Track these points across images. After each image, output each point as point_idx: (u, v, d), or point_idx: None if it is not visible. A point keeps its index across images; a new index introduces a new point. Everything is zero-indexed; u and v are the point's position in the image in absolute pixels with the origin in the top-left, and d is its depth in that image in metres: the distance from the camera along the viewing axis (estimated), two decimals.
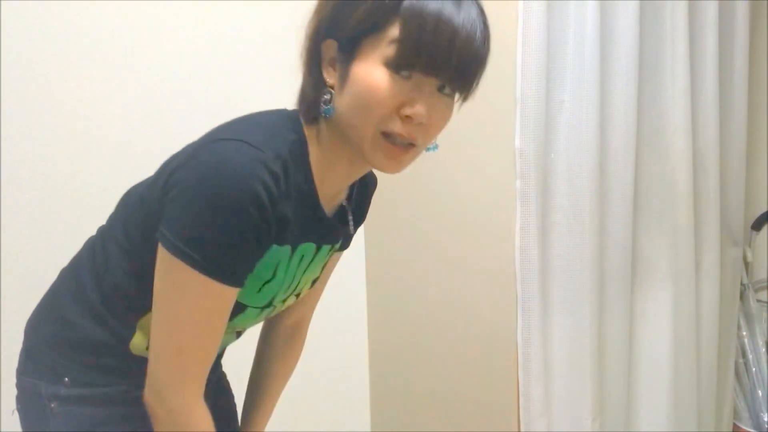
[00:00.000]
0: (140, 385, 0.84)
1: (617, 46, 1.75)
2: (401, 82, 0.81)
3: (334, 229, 0.95)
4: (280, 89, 1.83)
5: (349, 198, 1.01)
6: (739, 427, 2.33)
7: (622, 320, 1.88)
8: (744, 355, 2.33)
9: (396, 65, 0.80)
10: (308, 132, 0.88)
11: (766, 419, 2.25)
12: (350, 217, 1.00)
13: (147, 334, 0.89)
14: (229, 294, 0.82)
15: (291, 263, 0.91)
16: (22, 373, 0.97)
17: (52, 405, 0.92)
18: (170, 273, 0.80)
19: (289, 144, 0.85)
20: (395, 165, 0.88)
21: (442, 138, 0.96)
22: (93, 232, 1.30)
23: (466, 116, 1.60)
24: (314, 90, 0.86)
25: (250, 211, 0.78)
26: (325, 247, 0.97)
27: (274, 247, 0.86)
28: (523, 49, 1.60)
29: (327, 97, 0.85)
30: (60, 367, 0.93)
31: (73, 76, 1.49)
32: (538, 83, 1.62)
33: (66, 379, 0.92)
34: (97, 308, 0.92)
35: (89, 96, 1.52)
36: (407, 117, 0.82)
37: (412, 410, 1.99)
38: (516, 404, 1.73)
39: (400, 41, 0.79)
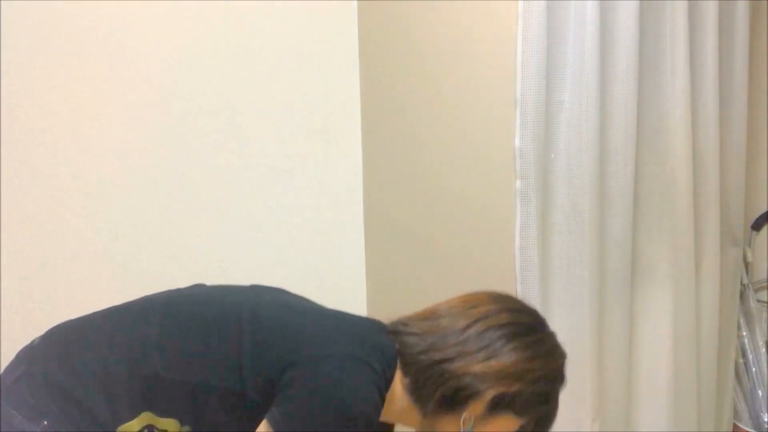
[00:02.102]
0: None
1: (617, 46, 1.75)
2: None
3: None
4: (280, 89, 1.83)
5: None
6: (739, 427, 2.33)
7: (622, 320, 1.88)
8: (744, 355, 2.33)
9: None
10: (396, 381, 0.96)
11: (766, 419, 2.25)
12: None
13: (141, 425, 0.89)
14: None
15: None
16: (3, 396, 0.92)
17: None
18: None
19: (387, 376, 0.94)
20: None
21: (442, 137, 0.97)
22: (92, 232, 1.30)
23: (466, 116, 1.60)
24: (445, 399, 0.94)
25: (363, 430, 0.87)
26: None
27: None
28: (523, 49, 1.60)
29: (470, 423, 0.95)
30: (44, 408, 0.89)
31: (73, 76, 1.49)
32: (538, 83, 1.62)
33: (45, 422, 0.88)
34: (115, 383, 0.90)
35: (89, 96, 1.52)
36: None
37: None
38: None
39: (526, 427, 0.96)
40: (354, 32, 1.94)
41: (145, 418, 0.89)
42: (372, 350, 0.93)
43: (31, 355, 0.96)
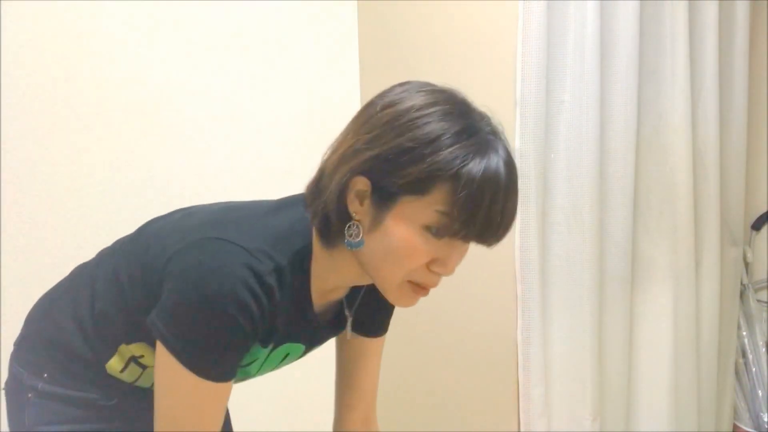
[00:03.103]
0: (111, 398, 0.95)
1: (617, 46, 1.75)
2: (435, 241, 0.81)
3: (322, 330, 0.98)
4: (280, 89, 1.83)
5: (353, 298, 1.01)
6: (739, 427, 2.33)
7: (622, 320, 1.88)
8: (744, 355, 2.33)
9: (438, 233, 0.80)
10: (318, 242, 0.88)
11: (766, 419, 2.25)
12: (348, 315, 1.00)
13: (123, 360, 0.94)
14: (221, 388, 0.84)
15: (270, 357, 0.94)
16: (13, 358, 1.01)
17: (29, 395, 0.96)
18: (165, 364, 0.82)
19: (293, 253, 0.86)
20: (410, 303, 0.89)
21: None
22: (92, 232, 1.31)
23: None
24: (338, 218, 0.84)
25: (237, 318, 0.79)
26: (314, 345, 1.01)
27: (256, 346, 0.88)
28: (523, 49, 1.60)
29: (355, 231, 0.83)
30: (42, 362, 0.97)
31: (73, 76, 1.49)
32: (538, 83, 1.62)
33: (45, 374, 0.96)
34: (85, 324, 0.95)
35: (89, 96, 1.52)
36: (436, 271, 0.84)
37: (412, 410, 1.99)
38: (516, 404, 1.73)
39: (449, 214, 0.78)
40: (354, 32, 1.94)
41: (123, 350, 0.94)
42: (253, 230, 0.85)
43: (26, 319, 1.05)
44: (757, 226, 2.35)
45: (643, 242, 1.94)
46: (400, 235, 0.81)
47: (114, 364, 0.95)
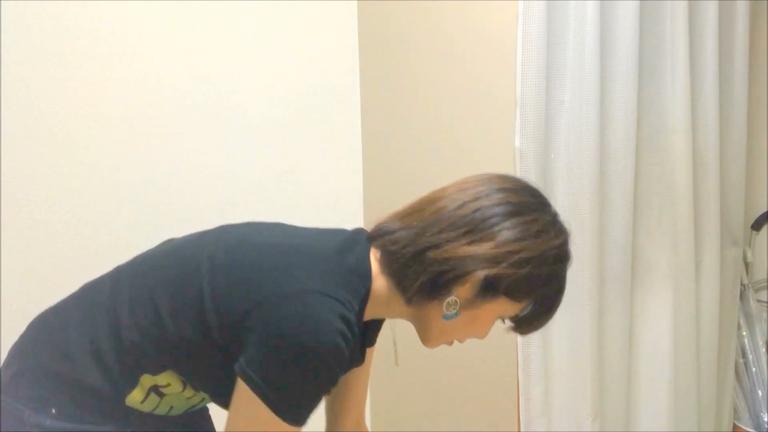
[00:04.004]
0: (126, 428, 0.92)
1: (617, 46, 1.75)
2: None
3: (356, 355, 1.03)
4: (280, 89, 1.83)
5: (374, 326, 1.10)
6: (739, 427, 2.33)
7: (622, 320, 1.88)
8: (744, 355, 2.33)
9: (505, 321, 0.98)
10: (380, 288, 0.94)
11: (766, 419, 2.25)
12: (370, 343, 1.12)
13: (144, 390, 0.93)
14: (297, 429, 0.89)
15: None
16: (5, 392, 0.94)
17: None
18: (249, 408, 0.85)
19: (360, 298, 0.92)
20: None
21: (442, 137, 0.97)
22: (92, 232, 1.30)
23: (467, 116, 1.60)
24: (434, 289, 0.92)
25: (333, 365, 0.86)
26: None
27: None
28: (523, 49, 1.60)
29: (454, 309, 0.93)
30: (49, 397, 0.92)
31: (73, 76, 1.49)
32: (538, 83, 1.62)
33: (53, 410, 0.91)
34: (105, 356, 0.92)
35: (89, 96, 1.52)
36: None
37: (412, 410, 1.99)
38: (516, 404, 1.73)
39: (527, 321, 0.98)
40: (354, 32, 1.94)
41: (145, 381, 0.92)
42: (335, 277, 0.89)
43: (21, 350, 0.98)
44: (757, 226, 2.35)
45: (643, 242, 1.94)
46: (483, 322, 0.96)
47: (135, 396, 0.93)
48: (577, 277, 1.73)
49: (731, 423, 2.34)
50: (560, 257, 0.95)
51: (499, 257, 0.89)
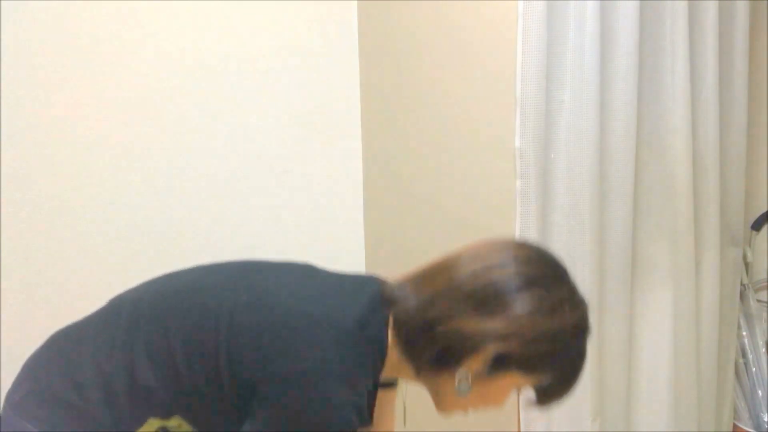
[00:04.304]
0: None
1: (617, 46, 1.75)
2: None
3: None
4: (280, 89, 1.83)
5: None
6: (739, 427, 2.33)
7: (622, 320, 1.88)
8: (744, 355, 2.33)
9: (521, 394, 0.97)
10: (393, 353, 0.94)
11: (766, 419, 2.25)
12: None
13: (152, 428, 0.93)
14: None
15: None
16: (13, 412, 0.95)
17: None
18: None
19: (378, 369, 0.93)
20: None
21: (442, 137, 0.97)
22: (92, 232, 1.30)
23: (466, 116, 1.60)
24: (442, 360, 0.91)
25: None
26: None
27: None
28: (523, 49, 1.60)
29: (465, 384, 0.92)
30: (56, 420, 0.93)
31: (73, 75, 1.49)
32: (538, 83, 1.62)
33: None
34: (116, 394, 0.92)
35: (89, 96, 1.52)
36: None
37: (412, 410, 1.99)
38: (516, 404, 1.73)
39: (546, 393, 0.95)
40: (354, 32, 1.94)
41: (152, 423, 0.92)
42: (353, 353, 0.89)
43: (34, 369, 0.99)
44: (757, 226, 2.35)
45: (643, 242, 1.94)
46: (498, 394, 0.95)
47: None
48: (577, 276, 1.73)
49: (731, 423, 2.34)
50: (575, 333, 0.93)
51: (509, 333, 0.87)
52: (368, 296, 0.96)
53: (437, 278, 0.93)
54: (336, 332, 0.90)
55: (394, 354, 0.94)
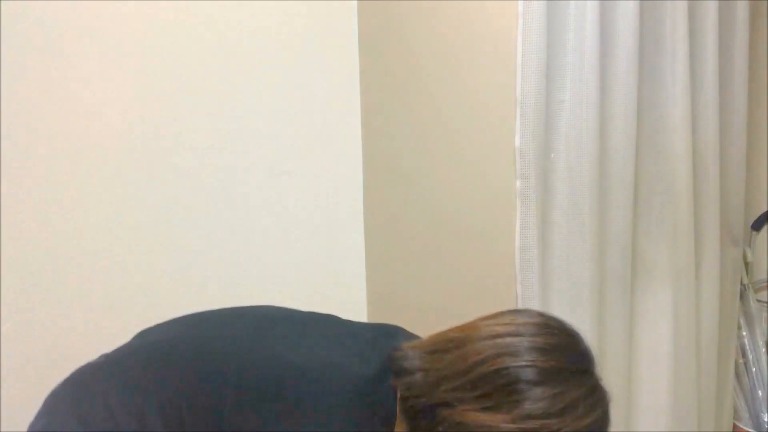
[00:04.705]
0: None
1: (617, 46, 1.75)
2: None
3: None
4: (280, 89, 1.83)
5: None
6: (739, 427, 2.33)
7: (622, 320, 1.88)
8: (744, 355, 2.33)
9: None
10: (399, 426, 0.92)
11: (766, 419, 2.25)
12: None
13: None
14: None
15: None
16: None
17: None
18: None
19: None
20: None
21: (442, 137, 0.96)
22: (93, 232, 1.29)
23: (466, 116, 1.60)
24: None
25: None
26: None
27: None
28: (523, 49, 1.60)
29: None
30: None
31: (73, 75, 1.49)
32: (538, 83, 1.62)
33: None
34: None
35: (89, 95, 1.52)
36: None
37: None
38: None
39: None
40: (354, 32, 1.94)
41: None
42: (357, 421, 0.89)
43: (53, 407, 1.00)
44: (757, 226, 2.35)
45: (643, 242, 1.94)
46: None
47: None
48: (577, 277, 1.73)
49: (731, 423, 2.34)
50: None
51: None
52: (380, 360, 0.95)
53: (449, 354, 0.89)
54: (342, 398, 0.89)
55: (402, 425, 0.93)
